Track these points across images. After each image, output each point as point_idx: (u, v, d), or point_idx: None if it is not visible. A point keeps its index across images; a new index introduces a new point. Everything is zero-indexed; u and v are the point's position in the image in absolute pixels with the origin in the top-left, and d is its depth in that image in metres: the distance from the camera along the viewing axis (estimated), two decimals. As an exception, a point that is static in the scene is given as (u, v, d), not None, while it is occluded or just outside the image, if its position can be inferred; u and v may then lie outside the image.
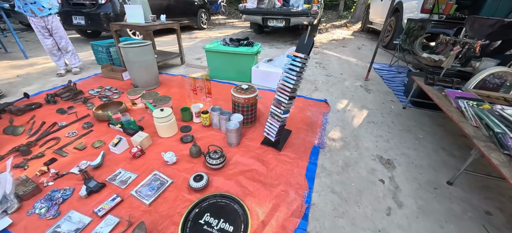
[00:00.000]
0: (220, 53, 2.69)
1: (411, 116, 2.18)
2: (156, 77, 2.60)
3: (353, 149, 1.68)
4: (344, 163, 1.54)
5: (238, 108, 1.78)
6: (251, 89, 1.78)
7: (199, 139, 1.72)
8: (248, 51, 2.58)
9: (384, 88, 2.85)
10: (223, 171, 1.42)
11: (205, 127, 1.86)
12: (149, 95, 2.07)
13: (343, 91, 2.67)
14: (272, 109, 1.52)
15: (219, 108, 1.85)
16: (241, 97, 1.70)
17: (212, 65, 2.84)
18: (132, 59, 2.33)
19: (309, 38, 1.34)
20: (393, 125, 2.00)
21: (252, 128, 1.88)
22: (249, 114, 1.80)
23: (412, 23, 3.50)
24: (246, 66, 2.69)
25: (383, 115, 2.17)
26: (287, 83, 1.38)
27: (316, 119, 2.02)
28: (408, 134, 1.89)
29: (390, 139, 1.81)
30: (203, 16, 7.34)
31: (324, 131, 1.86)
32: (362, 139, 1.80)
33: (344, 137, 1.82)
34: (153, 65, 2.48)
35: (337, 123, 2.01)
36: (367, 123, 2.02)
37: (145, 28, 2.70)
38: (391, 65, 3.83)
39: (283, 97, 1.42)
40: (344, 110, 2.23)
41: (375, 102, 2.43)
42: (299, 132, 1.84)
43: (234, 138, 1.60)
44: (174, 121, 1.73)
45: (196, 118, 1.90)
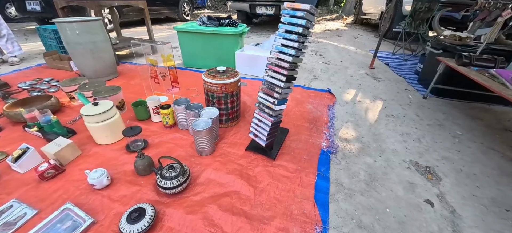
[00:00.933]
0: (196, 33, 2.14)
1: (437, 107, 1.73)
2: (112, 66, 2.01)
3: (376, 154, 1.19)
4: (369, 176, 1.05)
5: (212, 100, 1.24)
6: (231, 72, 1.25)
7: (156, 145, 1.18)
8: (231, 31, 2.04)
9: (394, 76, 2.40)
10: (185, 197, 0.89)
11: (167, 127, 1.32)
12: (90, 85, 1.49)
13: (347, 80, 2.19)
14: (261, 98, 1.00)
15: (186, 100, 1.30)
16: (216, 83, 1.17)
17: (186, 51, 2.28)
18: (73, 39, 1.73)
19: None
20: (419, 120, 1.54)
21: (234, 128, 1.35)
22: (229, 107, 1.27)
23: (418, 4, 3.10)
24: (228, 50, 2.15)
25: (403, 106, 1.71)
26: (284, 55, 0.87)
27: (320, 114, 1.53)
28: (441, 131, 1.43)
29: (421, 138, 1.35)
30: (185, 7, 6.70)
31: (332, 129, 1.36)
32: (385, 138, 1.32)
33: (361, 137, 1.33)
34: (104, 50, 1.90)
35: (347, 118, 1.52)
36: (386, 118, 1.54)
37: (97, 2, 2.10)
38: (394, 53, 3.42)
39: (278, 77, 0.91)
40: (353, 102, 1.74)
41: (388, 91, 1.97)
42: (299, 131, 1.33)
43: (205, 143, 1.07)
44: (116, 120, 1.17)
45: (156, 115, 1.35)
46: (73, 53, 1.81)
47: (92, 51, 1.81)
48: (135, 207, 0.79)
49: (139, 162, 0.97)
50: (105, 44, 1.90)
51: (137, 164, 0.97)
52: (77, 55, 1.81)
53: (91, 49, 1.81)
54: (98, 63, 1.88)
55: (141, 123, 1.36)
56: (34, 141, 1.18)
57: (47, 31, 2.61)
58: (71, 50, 1.80)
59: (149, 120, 1.39)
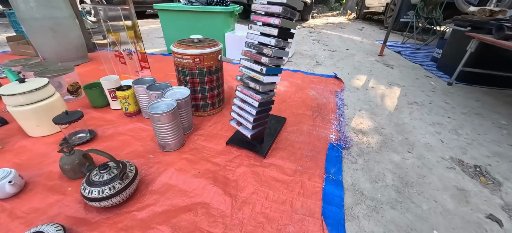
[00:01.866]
0: (180, 12, 1.84)
1: (466, 94, 1.42)
2: (81, 48, 1.71)
3: (403, 149, 0.88)
4: (399, 179, 0.74)
5: (184, 78, 0.94)
6: (210, 42, 0.95)
7: (108, 138, 0.87)
8: (220, 8, 1.75)
9: (408, 63, 2.09)
10: (126, 212, 0.58)
11: (129, 116, 1.01)
12: (38, 65, 1.19)
13: (355, 66, 1.88)
14: (244, 68, 0.69)
15: (151, 79, 1.00)
16: (187, 54, 0.87)
17: (169, 33, 1.98)
18: (27, 13, 1.44)
19: None
20: (449, 107, 1.23)
21: (215, 116, 1.04)
22: (208, 89, 0.97)
23: (431, -13, 2.80)
24: (217, 32, 1.85)
25: (426, 93, 1.40)
26: (275, -7, 0.56)
27: (325, 100, 1.22)
28: (481, 120, 1.12)
29: (458, 129, 1.03)
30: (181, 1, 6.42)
31: (342, 118, 1.06)
32: (412, 129, 1.01)
33: (380, 127, 1.02)
34: (71, 28, 1.60)
35: (360, 105, 1.21)
36: (409, 105, 1.23)
37: (65, -23, 1.80)
38: (404, 42, 3.11)
39: (267, 31, 0.60)
40: (365, 88, 1.44)
41: (405, 78, 1.66)
42: (300, 120, 1.02)
43: (168, 134, 0.76)
44: (52, 104, 0.86)
45: (115, 100, 1.05)
46: (29, 31, 1.52)
47: (53, 29, 1.52)
48: (34, 230, 0.49)
49: (65, 159, 0.66)
50: (70, 22, 1.60)
51: (63, 163, 0.66)
52: (34, 34, 1.52)
53: (51, 27, 1.51)
54: (61, 44, 1.58)
55: (96, 110, 1.06)
56: None
57: (16, 15, 2.32)
58: (26, 28, 1.51)
59: (107, 108, 1.09)
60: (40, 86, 0.83)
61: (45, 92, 0.85)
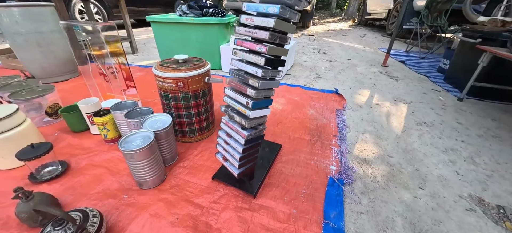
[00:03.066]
0: (174, 24, 1.77)
1: (480, 111, 1.31)
2: (69, 63, 1.64)
3: (414, 183, 0.77)
4: (411, 226, 0.63)
5: (167, 103, 0.85)
6: (196, 61, 0.86)
7: (80, 171, 0.78)
8: (215, 20, 1.67)
9: (414, 74, 1.99)
10: (82, 279, 0.48)
11: (109, 142, 0.92)
12: (17, 85, 1.11)
13: (358, 79, 1.78)
14: (229, 99, 0.60)
15: (132, 103, 0.91)
16: (169, 78, 0.78)
17: (163, 46, 1.91)
18: (11, 28, 1.38)
19: None
20: (463, 129, 1.12)
21: (203, 143, 0.95)
22: (194, 113, 0.87)
23: (436, -7, 2.70)
24: (213, 44, 1.77)
25: (436, 111, 1.29)
26: (262, 18, 0.47)
27: (325, 122, 1.12)
28: (500, 145, 1.00)
29: (475, 156, 0.92)
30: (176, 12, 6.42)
31: (344, 144, 0.95)
32: (422, 157, 0.90)
33: (387, 155, 0.91)
34: (58, 42, 1.53)
35: (364, 126, 1.11)
36: (417, 126, 1.13)
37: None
38: (408, 51, 3.01)
39: (252, 59, 0.51)
40: (368, 105, 1.33)
41: (411, 92, 1.55)
42: (297, 147, 0.92)
43: (144, 172, 0.67)
44: (20, 134, 0.78)
45: (94, 125, 0.96)
46: (14, 46, 1.45)
47: (39, 43, 1.45)
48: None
49: (21, 207, 0.57)
50: (58, 36, 1.53)
51: (19, 211, 0.57)
52: (20, 49, 1.45)
53: (38, 41, 1.44)
54: (48, 59, 1.51)
55: (74, 135, 0.97)
56: None
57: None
58: (11, 43, 1.45)
59: (88, 132, 1.00)
60: (6, 115, 0.74)
61: (13, 121, 0.76)
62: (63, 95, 1.37)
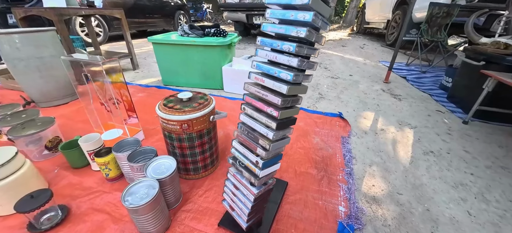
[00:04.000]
0: (175, 45, 1.76)
1: (486, 136, 1.29)
2: (68, 87, 1.61)
3: (427, 227, 0.75)
4: (426, 282, 0.60)
5: (171, 143, 0.83)
6: (200, 99, 0.84)
7: (81, 217, 0.75)
8: (217, 42, 1.66)
9: (416, 92, 1.98)
10: None
11: (110, 181, 0.90)
12: (15, 117, 1.08)
13: (361, 99, 1.77)
14: (237, 152, 0.58)
15: (135, 141, 0.89)
16: (174, 121, 0.76)
17: (165, 67, 1.90)
18: (11, 54, 1.36)
19: None
20: (471, 159, 1.10)
21: (207, 179, 0.92)
22: (198, 152, 0.85)
23: (435, 9, 2.73)
24: (215, 66, 1.77)
25: (442, 137, 1.28)
26: (274, 81, 0.46)
27: (331, 152, 1.10)
28: (508, 177, 0.98)
29: (486, 192, 0.90)
30: (181, 19, 6.47)
31: (352, 180, 0.93)
32: (432, 194, 0.88)
33: (396, 192, 0.89)
34: (58, 67, 1.51)
35: (370, 157, 1.09)
36: (425, 156, 1.11)
37: (58, 11, 1.75)
38: (408, 64, 3.02)
39: (263, 120, 0.49)
40: (373, 131, 1.32)
41: (415, 114, 1.54)
42: (304, 184, 0.90)
43: (148, 224, 0.64)
44: (20, 179, 0.75)
45: (94, 162, 0.93)
46: (14, 71, 1.43)
47: (39, 68, 1.43)
48: None
49: (18, 271, 0.54)
50: (58, 60, 1.52)
51: (16, 276, 0.54)
52: (20, 74, 1.43)
53: (38, 66, 1.43)
54: (48, 84, 1.49)
55: (74, 172, 0.95)
56: None
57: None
58: (11, 68, 1.43)
59: (88, 168, 0.97)
60: (5, 161, 0.72)
61: (12, 166, 0.74)
62: (62, 121, 1.35)
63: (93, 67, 1.03)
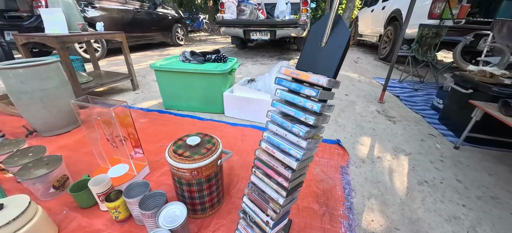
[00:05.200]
0: (176, 73, 1.81)
1: (476, 163, 1.36)
2: (70, 115, 1.63)
3: (423, 267, 0.80)
4: None
5: (180, 187, 0.86)
6: (207, 145, 0.88)
7: (91, 265, 0.77)
8: (218, 70, 1.72)
9: (409, 113, 2.07)
10: None
11: (119, 222, 0.92)
12: (23, 154, 1.10)
13: (358, 122, 1.84)
14: (248, 208, 0.62)
15: (143, 184, 0.92)
16: (184, 169, 0.79)
17: (166, 92, 1.94)
18: (16, 87, 1.38)
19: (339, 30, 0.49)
20: (463, 189, 1.16)
21: (213, 218, 0.95)
22: (205, 195, 0.89)
23: (425, 29, 2.87)
24: (215, 91, 1.81)
25: (435, 165, 1.34)
26: (284, 155, 0.50)
27: (331, 184, 1.15)
28: (498, 208, 1.05)
29: (477, 225, 0.96)
30: (179, 32, 6.56)
31: (352, 215, 0.98)
32: (428, 229, 0.94)
33: (393, 228, 0.94)
34: (62, 97, 1.54)
35: (369, 189, 1.14)
36: (420, 186, 1.17)
37: (60, 40, 1.78)
38: (401, 80, 3.14)
39: (274, 187, 0.54)
40: (371, 159, 1.37)
41: (410, 139, 1.61)
42: (307, 221, 0.94)
43: (161, 275, 0.67)
44: (33, 227, 0.77)
45: (103, 203, 0.96)
46: (18, 103, 1.45)
47: (43, 100, 1.45)
48: None
49: None
50: (62, 90, 1.54)
51: None
52: (23, 106, 1.45)
53: (41, 98, 1.45)
54: (51, 114, 1.51)
55: (83, 212, 0.97)
56: None
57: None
58: (15, 101, 1.44)
59: (95, 207, 0.99)
60: (20, 213, 0.74)
61: (26, 217, 0.76)
62: (66, 154, 1.36)
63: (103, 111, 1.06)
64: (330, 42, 0.50)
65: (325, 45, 0.51)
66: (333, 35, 0.50)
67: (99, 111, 1.04)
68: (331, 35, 0.50)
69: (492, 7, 3.30)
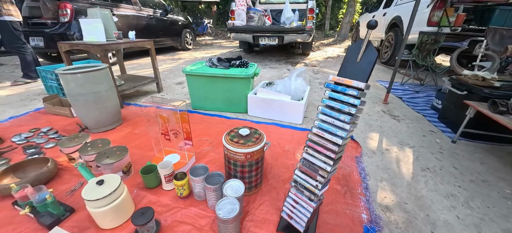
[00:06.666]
0: (205, 77, 2.04)
1: (471, 154, 1.59)
2: (116, 113, 1.87)
3: (427, 229, 1.02)
4: (430, 267, 0.87)
5: (234, 168, 1.09)
6: (255, 135, 1.11)
7: (170, 228, 0.99)
8: (243, 74, 1.95)
9: (412, 113, 2.30)
10: None
11: (182, 199, 1.14)
12: (93, 145, 1.33)
13: (366, 121, 2.07)
14: (299, 178, 0.85)
15: (203, 167, 1.15)
16: (241, 153, 1.02)
17: (195, 94, 2.17)
18: (75, 90, 1.61)
19: (369, 51, 0.72)
20: (458, 174, 1.39)
21: (258, 196, 1.18)
22: (253, 175, 1.11)
23: (424, 36, 3.12)
24: (240, 93, 2.04)
25: (435, 155, 1.57)
26: (332, 135, 0.73)
27: (349, 170, 1.37)
28: (487, 189, 1.27)
29: (470, 201, 1.19)
30: (188, 36, 6.82)
31: (368, 193, 1.20)
32: (430, 203, 1.16)
33: (403, 203, 1.16)
34: (109, 98, 1.76)
35: (380, 174, 1.36)
36: (422, 172, 1.39)
37: (103, 47, 2.02)
38: (403, 83, 3.38)
39: (323, 159, 0.76)
40: (380, 151, 1.60)
41: (413, 135, 1.84)
42: (333, 198, 1.16)
43: (231, 230, 0.89)
44: (124, 198, 0.99)
45: (168, 183, 1.18)
46: (74, 104, 1.68)
47: (96, 101, 1.68)
48: None
49: (153, 265, 0.78)
50: (110, 93, 1.77)
51: (151, 268, 0.78)
52: (79, 106, 1.68)
53: (95, 100, 1.67)
54: (102, 113, 1.74)
55: (150, 191, 1.19)
56: (24, 226, 0.99)
57: (49, 71, 2.51)
58: (72, 101, 1.67)
59: (159, 188, 1.22)
60: (116, 188, 0.96)
61: (119, 191, 0.98)
62: (120, 147, 1.58)
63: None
64: (363, 59, 0.73)
65: (359, 60, 0.74)
66: (365, 54, 0.73)
67: (165, 110, 1.26)
68: (364, 54, 0.73)
69: (486, 15, 3.55)
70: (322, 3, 14.68)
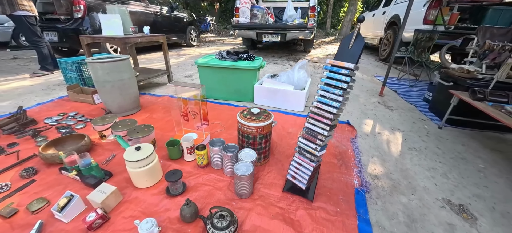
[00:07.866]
0: (216, 68, 2.24)
1: (454, 138, 1.79)
2: (136, 100, 2.07)
3: (408, 192, 1.22)
4: (407, 217, 1.07)
5: (247, 141, 1.29)
6: (264, 113, 1.31)
7: (194, 188, 1.20)
8: (250, 66, 2.15)
9: (405, 104, 2.49)
10: (235, 247, 0.90)
11: (201, 167, 1.34)
12: (123, 124, 1.53)
13: (362, 110, 2.27)
14: (302, 144, 1.05)
15: (220, 141, 1.35)
16: (253, 126, 1.22)
17: (206, 84, 2.37)
18: (102, 77, 1.81)
19: (358, 40, 0.92)
20: (441, 152, 1.59)
21: (266, 166, 1.38)
22: (263, 147, 1.31)
23: (419, 34, 3.30)
24: (247, 84, 2.24)
25: (422, 138, 1.77)
26: (328, 106, 0.93)
27: (345, 148, 1.57)
28: (465, 164, 1.47)
29: (448, 173, 1.38)
30: (192, 33, 7.00)
31: (360, 165, 1.40)
32: (413, 174, 1.36)
33: (389, 173, 1.36)
34: (131, 86, 1.97)
35: (372, 152, 1.56)
36: (409, 151, 1.59)
37: (123, 41, 2.21)
38: (399, 78, 3.56)
39: (321, 126, 0.96)
40: (373, 134, 1.80)
41: (404, 122, 2.04)
42: (330, 168, 1.37)
43: (246, 187, 1.10)
44: (156, 164, 1.20)
45: (189, 154, 1.38)
46: (101, 90, 1.88)
47: (120, 88, 1.88)
48: None
49: (186, 210, 0.98)
50: (132, 81, 1.97)
51: (185, 212, 0.98)
52: (105, 92, 1.88)
53: (119, 87, 1.87)
54: (124, 99, 1.94)
55: (174, 162, 1.39)
56: (72, 185, 1.20)
57: (69, 64, 2.71)
58: (99, 88, 1.87)
59: (181, 159, 1.42)
60: (150, 153, 1.16)
61: (153, 156, 1.18)
62: (142, 128, 1.79)
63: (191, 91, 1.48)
64: (354, 46, 0.93)
65: (350, 47, 0.93)
66: (355, 42, 0.93)
67: (187, 94, 1.46)
68: (355, 42, 0.93)
69: (479, 15, 3.72)
70: (324, 2, 14.80)
